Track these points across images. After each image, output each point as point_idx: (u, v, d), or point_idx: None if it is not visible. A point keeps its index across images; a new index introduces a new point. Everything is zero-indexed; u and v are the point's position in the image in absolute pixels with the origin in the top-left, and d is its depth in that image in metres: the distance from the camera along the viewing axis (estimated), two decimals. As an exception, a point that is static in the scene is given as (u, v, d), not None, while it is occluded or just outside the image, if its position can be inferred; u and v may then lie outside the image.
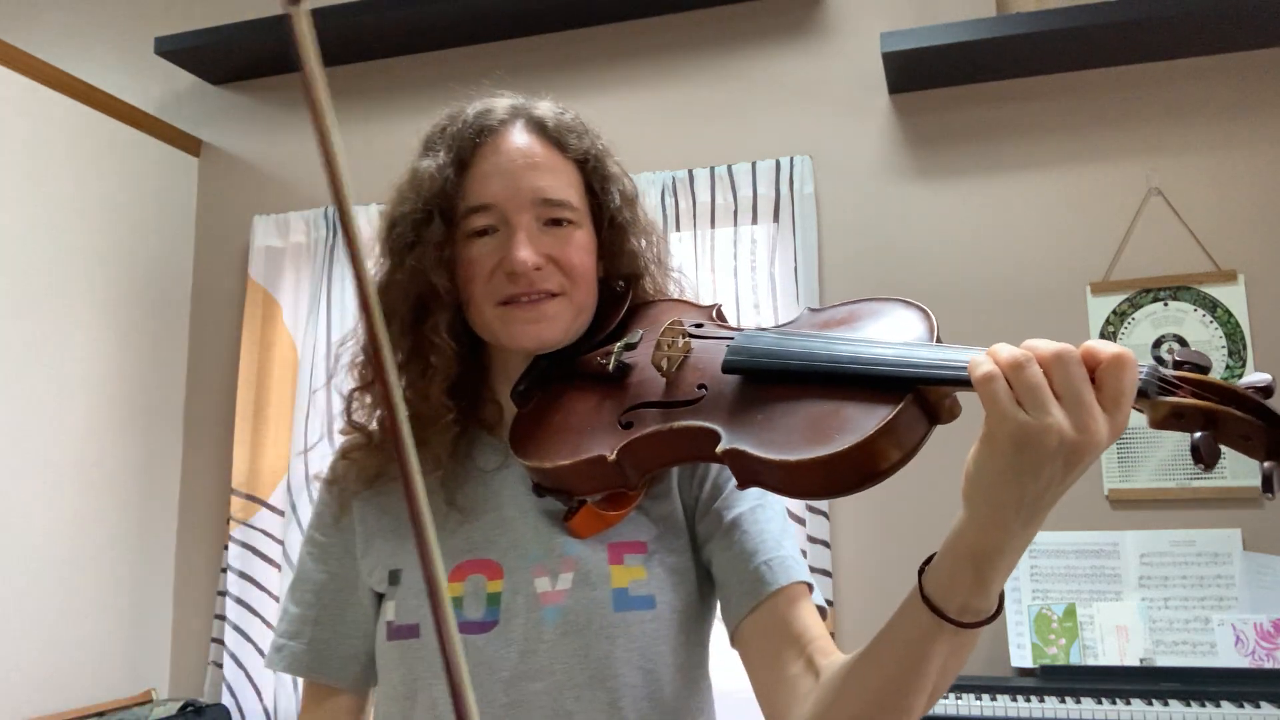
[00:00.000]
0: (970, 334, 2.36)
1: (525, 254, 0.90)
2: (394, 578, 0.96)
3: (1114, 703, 1.78)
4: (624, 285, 1.01)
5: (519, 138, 0.96)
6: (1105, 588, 2.06)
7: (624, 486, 0.86)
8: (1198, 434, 0.62)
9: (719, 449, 0.76)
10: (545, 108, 0.99)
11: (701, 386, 0.83)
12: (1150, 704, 1.76)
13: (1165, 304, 2.23)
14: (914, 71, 2.36)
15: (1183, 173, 2.27)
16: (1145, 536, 2.09)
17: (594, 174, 0.99)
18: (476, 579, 0.93)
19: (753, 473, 0.74)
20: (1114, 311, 2.26)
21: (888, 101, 2.48)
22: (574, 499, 0.90)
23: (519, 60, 2.76)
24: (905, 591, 0.74)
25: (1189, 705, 1.75)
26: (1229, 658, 1.90)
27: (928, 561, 0.73)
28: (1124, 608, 2.01)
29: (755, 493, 0.95)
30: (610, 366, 0.90)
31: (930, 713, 1.82)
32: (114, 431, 2.64)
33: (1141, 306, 2.24)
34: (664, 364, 0.87)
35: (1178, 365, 0.65)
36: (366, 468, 0.99)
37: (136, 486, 2.70)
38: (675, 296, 1.03)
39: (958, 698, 1.85)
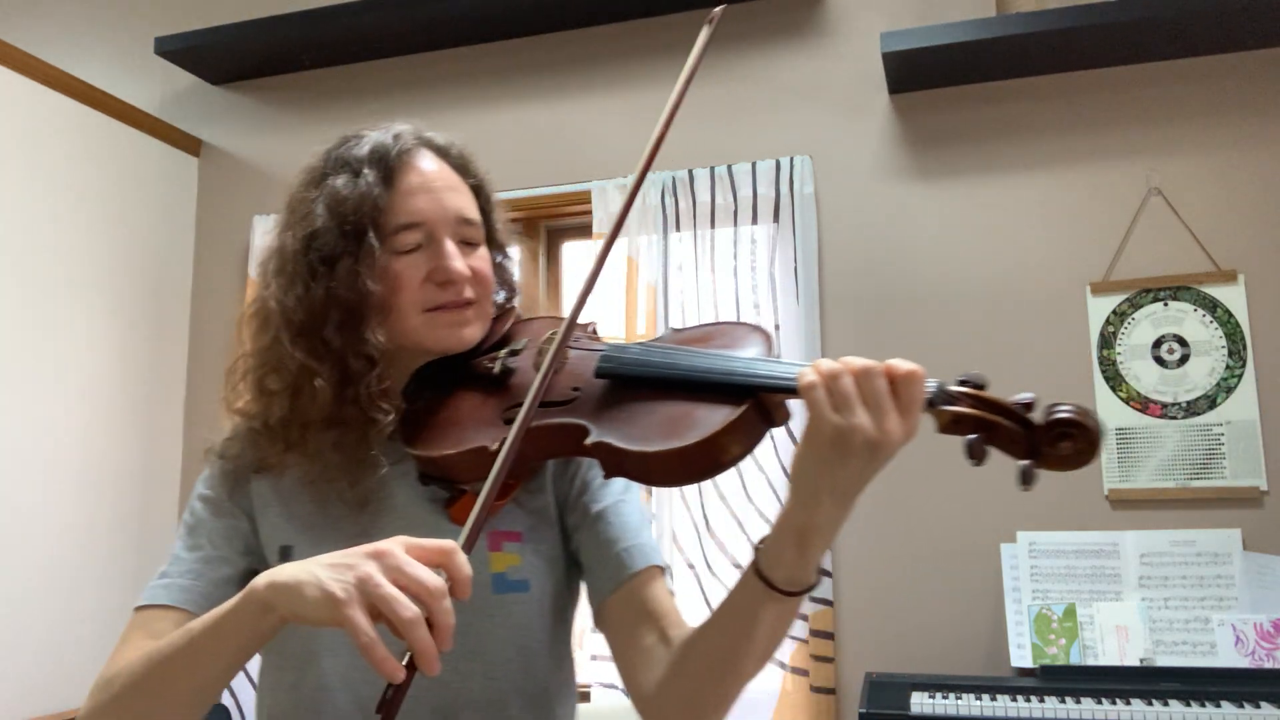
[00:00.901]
0: (970, 334, 2.37)
1: (460, 265, 1.01)
2: (284, 554, 1.01)
3: (1114, 703, 1.78)
4: (507, 299, 1.13)
5: (431, 162, 1.05)
6: (1105, 588, 2.06)
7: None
8: (972, 436, 0.75)
9: (587, 442, 0.87)
10: (441, 136, 1.09)
11: (575, 389, 0.94)
12: (1150, 704, 1.76)
13: (1165, 304, 2.23)
14: (914, 71, 2.36)
15: (1183, 173, 2.27)
16: (1145, 536, 2.09)
17: (484, 198, 1.10)
18: None
19: (617, 463, 0.85)
20: (1114, 311, 2.26)
21: (888, 101, 2.48)
22: (456, 487, 0.98)
23: (518, 60, 2.76)
24: (902, 589, 0.85)
25: (1189, 705, 1.75)
26: (1229, 658, 1.90)
27: (763, 540, 0.85)
28: (1124, 608, 2.01)
29: (619, 488, 1.06)
30: (496, 370, 1.01)
31: (931, 712, 1.83)
32: (114, 431, 2.64)
33: (1141, 306, 2.24)
34: None
35: (961, 383, 0.78)
36: (258, 456, 1.05)
37: (136, 486, 2.70)
38: (555, 314, 1.14)
39: (958, 698, 1.85)
